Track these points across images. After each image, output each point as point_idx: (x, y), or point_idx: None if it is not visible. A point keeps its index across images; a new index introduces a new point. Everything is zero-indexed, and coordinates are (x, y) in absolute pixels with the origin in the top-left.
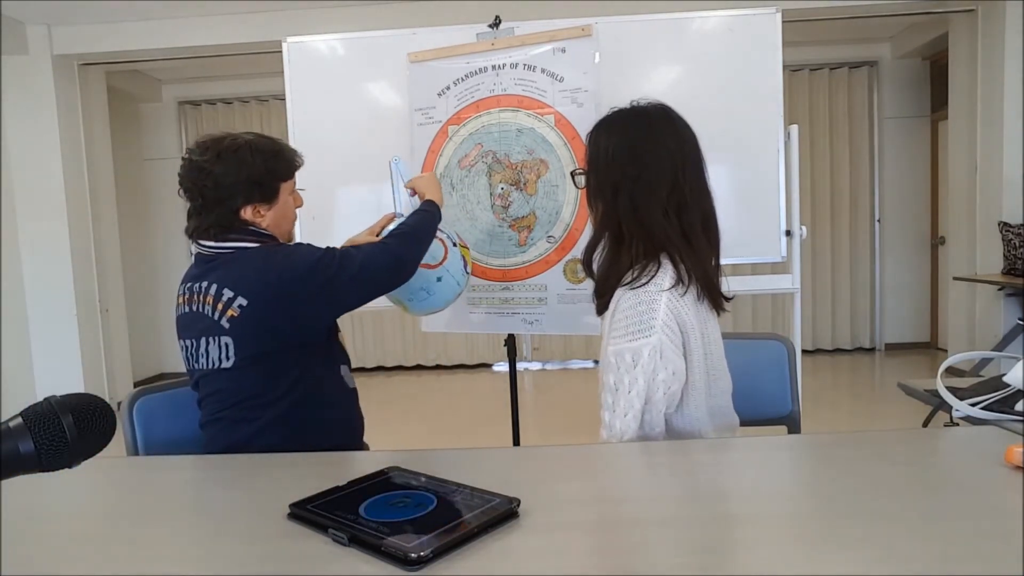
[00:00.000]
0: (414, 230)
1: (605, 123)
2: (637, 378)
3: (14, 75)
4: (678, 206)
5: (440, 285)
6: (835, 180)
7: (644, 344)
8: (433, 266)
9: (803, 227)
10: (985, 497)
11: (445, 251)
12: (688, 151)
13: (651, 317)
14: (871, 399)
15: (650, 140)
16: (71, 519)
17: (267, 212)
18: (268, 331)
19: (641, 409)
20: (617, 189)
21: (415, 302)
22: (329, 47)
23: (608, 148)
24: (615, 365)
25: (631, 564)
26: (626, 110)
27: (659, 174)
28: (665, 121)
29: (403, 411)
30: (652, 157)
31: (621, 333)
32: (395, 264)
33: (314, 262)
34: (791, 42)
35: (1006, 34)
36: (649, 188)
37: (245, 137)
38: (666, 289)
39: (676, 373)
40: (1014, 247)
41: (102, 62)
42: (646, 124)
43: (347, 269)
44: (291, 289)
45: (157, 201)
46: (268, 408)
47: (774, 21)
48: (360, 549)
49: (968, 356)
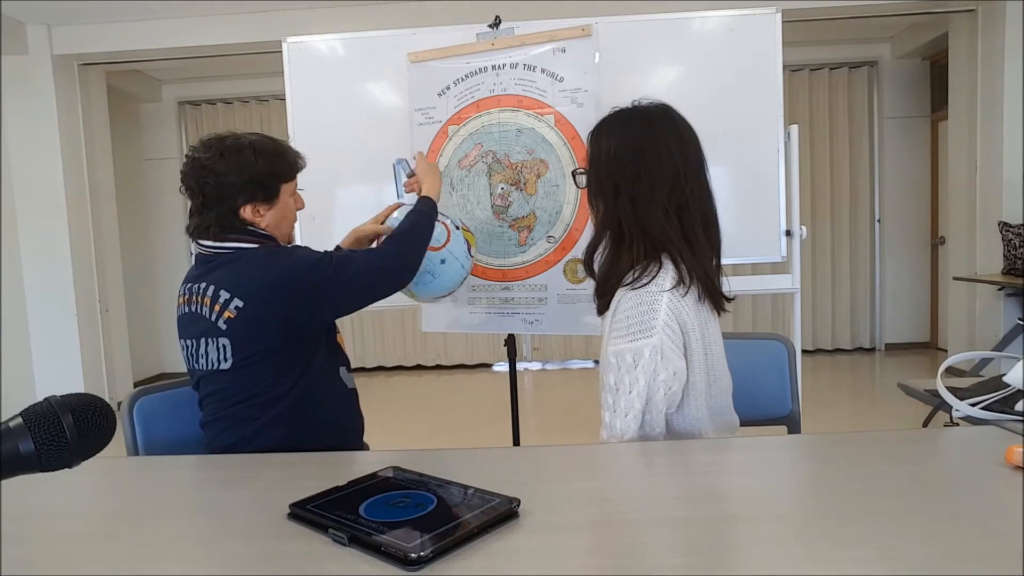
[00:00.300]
0: (410, 232)
1: (607, 123)
2: (638, 378)
3: (14, 75)
4: (679, 206)
5: (445, 268)
6: (835, 180)
7: (645, 344)
8: (437, 248)
9: (803, 227)
10: (985, 497)
11: (448, 234)
12: (690, 152)
13: (652, 317)
14: (871, 399)
15: (651, 140)
16: (71, 519)
17: (267, 212)
18: (265, 333)
19: (642, 409)
20: (618, 189)
21: (420, 286)
22: (329, 47)
23: (609, 148)
24: (616, 365)
25: (631, 564)
26: (628, 110)
27: (660, 174)
28: (667, 121)
29: (403, 411)
30: (653, 157)
31: (622, 333)
32: (393, 268)
33: (310, 265)
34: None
35: (1006, 34)
36: (650, 188)
37: (249, 137)
38: (667, 289)
39: (677, 373)
40: (1014, 247)
41: (102, 62)
42: (648, 124)
43: (343, 273)
44: (287, 291)
45: (157, 201)
46: (267, 408)
47: (774, 21)
48: (360, 549)
49: (968, 356)
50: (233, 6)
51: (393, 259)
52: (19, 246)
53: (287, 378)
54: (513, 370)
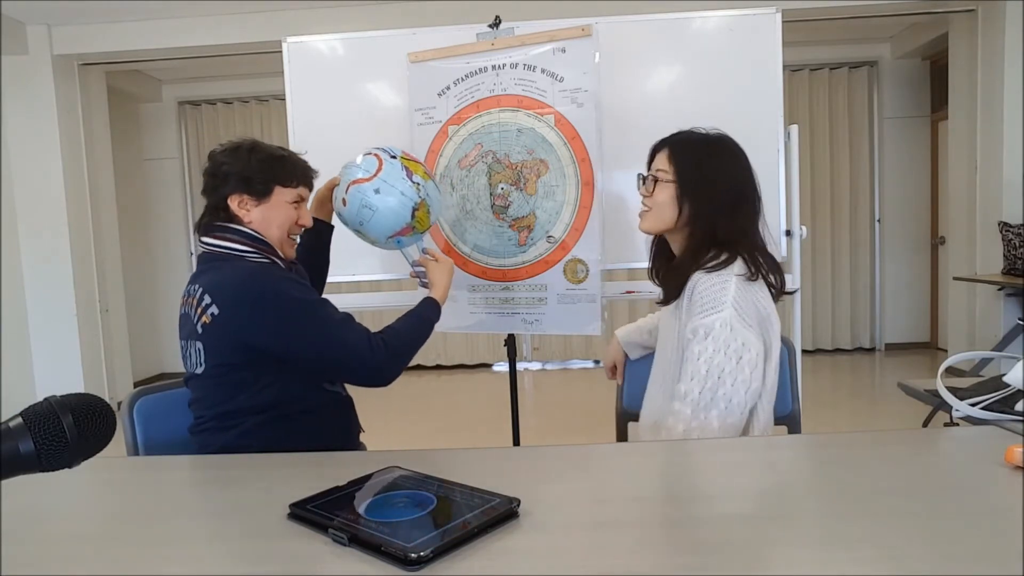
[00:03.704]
0: (403, 333)
1: (713, 142)
2: (706, 347)
3: (14, 75)
4: (754, 216)
5: (381, 197)
6: (835, 180)
7: (716, 319)
8: (367, 179)
9: (803, 227)
10: (985, 497)
11: (380, 163)
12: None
13: (723, 294)
14: (871, 399)
15: (741, 161)
16: (71, 519)
17: (254, 208)
18: (233, 344)
19: (705, 376)
20: (720, 202)
21: (366, 225)
22: (329, 47)
23: (717, 167)
24: (689, 339)
25: (631, 564)
26: (714, 134)
27: (751, 193)
28: (740, 148)
29: (403, 411)
30: (746, 177)
31: (696, 311)
32: (365, 358)
33: (289, 300)
34: (791, 42)
35: (1006, 34)
36: (749, 204)
37: (263, 143)
38: (738, 274)
39: (746, 344)
40: (1014, 247)
41: (102, 62)
42: (733, 148)
43: (315, 326)
44: (254, 313)
45: (157, 201)
46: (241, 418)
47: (774, 21)
48: (360, 549)
49: (968, 356)
50: (233, 6)
51: (373, 352)
52: (19, 246)
53: (263, 392)
54: (513, 370)
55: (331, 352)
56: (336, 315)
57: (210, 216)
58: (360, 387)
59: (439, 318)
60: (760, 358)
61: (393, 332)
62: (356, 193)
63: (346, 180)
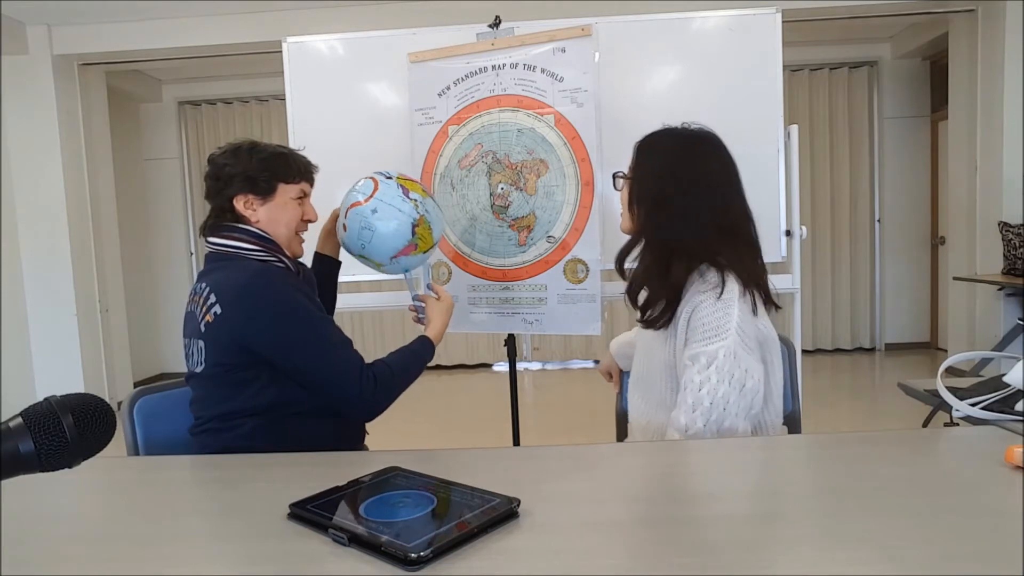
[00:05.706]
0: (394, 371)
1: (659, 139)
2: (709, 377)
3: (14, 75)
4: (731, 226)
5: (379, 216)
6: (835, 180)
7: (720, 347)
8: (364, 201)
9: (803, 227)
10: (985, 497)
11: (375, 184)
12: (732, 173)
13: (727, 322)
14: (871, 399)
15: (700, 160)
16: (71, 519)
17: (259, 207)
18: (232, 344)
19: (710, 407)
20: (667, 203)
21: (368, 247)
22: (329, 47)
23: (660, 164)
24: (690, 366)
25: (631, 564)
26: (678, 130)
27: (708, 193)
28: (712, 144)
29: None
30: (702, 176)
31: (698, 338)
32: (355, 383)
33: (288, 305)
34: (791, 42)
35: (1006, 34)
36: (701, 205)
37: (261, 142)
38: (740, 297)
39: (750, 371)
40: (1014, 247)
41: (102, 62)
42: (700, 143)
43: (312, 342)
44: (252, 315)
45: (157, 201)
46: (244, 419)
47: (774, 21)
48: (360, 549)
49: (968, 356)
50: (233, 6)
51: (361, 382)
52: (19, 246)
53: (262, 394)
54: (513, 370)
55: (321, 371)
56: (336, 336)
57: (216, 218)
58: (346, 415)
59: (432, 358)
60: (761, 383)
61: (384, 367)
62: (355, 216)
63: (345, 205)
